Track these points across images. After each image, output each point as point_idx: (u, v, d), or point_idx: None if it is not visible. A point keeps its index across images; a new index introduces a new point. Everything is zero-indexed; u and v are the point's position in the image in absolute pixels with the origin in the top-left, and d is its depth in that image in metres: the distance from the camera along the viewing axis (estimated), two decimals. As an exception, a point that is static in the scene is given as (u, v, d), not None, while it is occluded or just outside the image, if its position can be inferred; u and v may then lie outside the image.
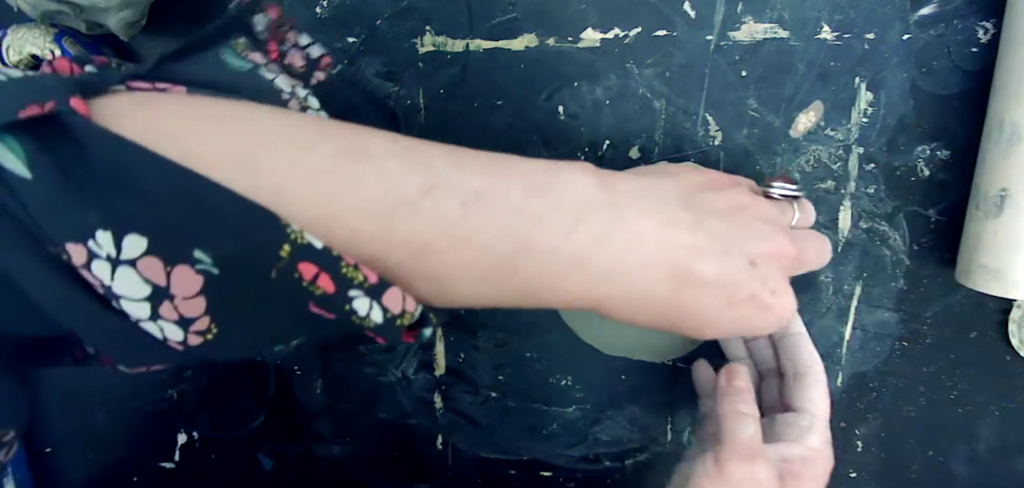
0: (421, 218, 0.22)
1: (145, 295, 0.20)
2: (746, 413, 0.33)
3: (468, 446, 0.47)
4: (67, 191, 0.19)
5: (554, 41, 0.38)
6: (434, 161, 0.23)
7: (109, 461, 0.50)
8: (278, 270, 0.20)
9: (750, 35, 0.37)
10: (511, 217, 0.23)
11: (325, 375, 0.46)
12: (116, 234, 0.19)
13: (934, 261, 0.39)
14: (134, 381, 0.48)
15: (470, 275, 0.23)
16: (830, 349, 0.41)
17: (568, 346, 0.43)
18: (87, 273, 0.19)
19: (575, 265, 0.24)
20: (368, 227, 0.21)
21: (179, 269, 0.19)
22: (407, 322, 0.23)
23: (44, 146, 0.19)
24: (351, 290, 0.21)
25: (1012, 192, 0.33)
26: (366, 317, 0.22)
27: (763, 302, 0.27)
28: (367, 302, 0.22)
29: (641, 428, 0.45)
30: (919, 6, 0.35)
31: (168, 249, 0.19)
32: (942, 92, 0.36)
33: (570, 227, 0.24)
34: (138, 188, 0.19)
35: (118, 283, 0.19)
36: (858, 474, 0.44)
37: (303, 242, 0.20)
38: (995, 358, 0.40)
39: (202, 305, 0.20)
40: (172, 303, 0.20)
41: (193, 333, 0.21)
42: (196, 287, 0.20)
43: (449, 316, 0.43)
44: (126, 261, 0.19)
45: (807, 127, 0.38)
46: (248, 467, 0.49)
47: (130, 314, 0.20)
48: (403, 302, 0.22)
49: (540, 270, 0.24)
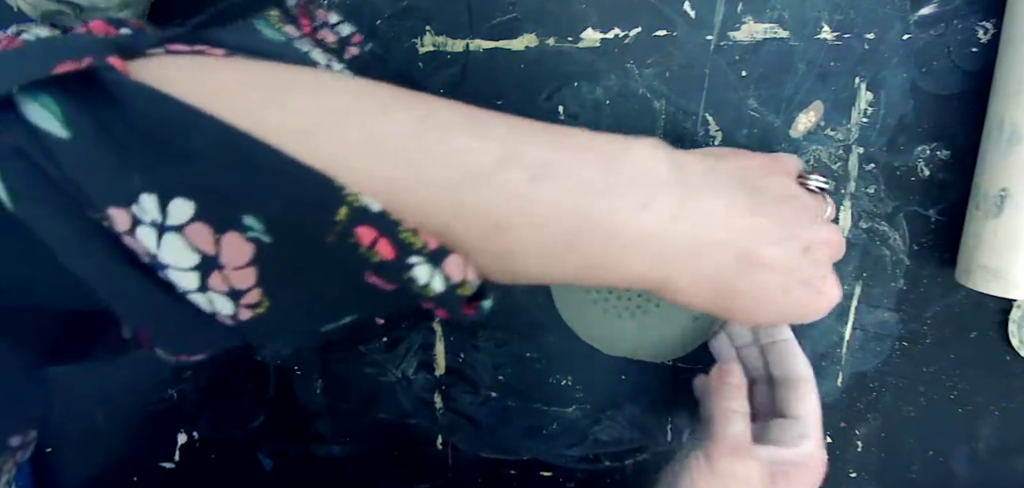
0: (492, 191, 0.21)
1: (193, 264, 0.19)
2: (736, 410, 0.34)
3: (468, 446, 0.47)
4: (108, 152, 0.18)
5: (554, 41, 0.38)
6: (502, 132, 0.22)
7: (109, 461, 0.50)
8: (334, 235, 0.19)
9: (750, 35, 0.37)
10: (579, 193, 0.22)
11: (325, 375, 0.46)
12: (162, 198, 0.18)
13: (934, 261, 0.39)
14: (134, 381, 0.48)
15: (535, 251, 0.22)
16: (830, 349, 0.41)
17: (568, 346, 0.43)
18: (131, 240, 0.18)
19: (642, 244, 0.23)
20: (440, 201, 0.20)
21: (229, 236, 0.18)
22: (467, 292, 0.22)
23: (82, 105, 0.18)
24: (411, 256, 0.20)
25: (1012, 192, 0.33)
26: (426, 286, 0.20)
27: (815, 288, 0.27)
28: (427, 269, 0.20)
29: (641, 428, 0.45)
30: (919, 6, 0.35)
31: (217, 214, 0.18)
32: (942, 92, 0.36)
33: (640, 205, 0.23)
34: (184, 149, 0.18)
35: (165, 251, 0.18)
36: (858, 474, 0.44)
37: (360, 205, 0.19)
38: (995, 358, 0.40)
39: (253, 276, 0.19)
40: (222, 273, 0.19)
41: (244, 306, 0.20)
42: (247, 256, 0.19)
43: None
44: (173, 227, 0.18)
45: (807, 127, 0.38)
46: (248, 467, 0.49)
47: (178, 285, 0.19)
48: (464, 269, 0.21)
49: (605, 248, 0.23)
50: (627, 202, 0.23)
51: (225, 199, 0.18)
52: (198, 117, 0.18)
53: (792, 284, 0.26)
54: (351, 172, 0.19)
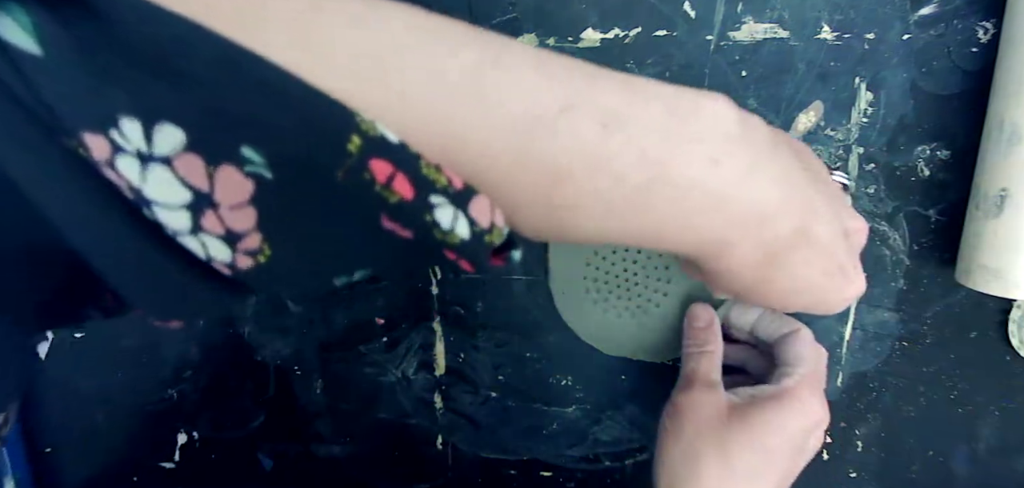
0: (559, 138, 0.19)
1: (184, 202, 0.16)
2: (694, 351, 0.35)
3: (468, 446, 0.47)
4: (86, 69, 0.15)
5: (554, 41, 0.38)
6: (570, 76, 0.20)
7: (109, 461, 0.50)
8: (345, 170, 0.17)
9: (750, 35, 0.37)
10: (651, 143, 0.20)
11: (325, 375, 0.46)
12: (146, 123, 0.15)
13: (934, 261, 0.39)
14: (134, 381, 0.48)
15: (600, 206, 0.21)
16: (830, 349, 0.41)
17: (568, 346, 0.43)
18: (112, 173, 0.16)
19: (714, 202, 0.22)
20: (503, 147, 0.19)
21: (224, 170, 0.16)
22: (496, 240, 0.20)
23: (57, 16, 0.15)
24: (433, 195, 0.18)
25: (1012, 192, 0.33)
26: (450, 231, 0.18)
27: (848, 275, 0.27)
28: (451, 212, 0.18)
29: (641, 428, 0.45)
30: (919, 6, 0.35)
31: (211, 145, 0.16)
32: (942, 92, 0.36)
33: (713, 159, 0.21)
34: (175, 68, 0.15)
35: (150, 185, 0.16)
36: (858, 474, 0.44)
37: (376, 134, 0.16)
38: (995, 358, 0.40)
39: (252, 217, 0.17)
40: (216, 213, 0.17)
41: (242, 253, 0.18)
42: (245, 194, 0.17)
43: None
44: (160, 158, 0.16)
45: (807, 127, 0.38)
46: (248, 467, 0.49)
47: (167, 225, 0.17)
48: (491, 214, 0.19)
49: (675, 205, 0.21)
50: (699, 156, 0.21)
51: (220, 127, 0.16)
52: (191, 29, 0.15)
53: (833, 267, 0.26)
54: (411, 112, 0.17)
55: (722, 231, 0.23)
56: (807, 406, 0.32)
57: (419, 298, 0.43)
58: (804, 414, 0.32)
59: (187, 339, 0.46)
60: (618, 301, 0.40)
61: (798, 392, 0.33)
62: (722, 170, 0.22)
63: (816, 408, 0.33)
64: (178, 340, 0.46)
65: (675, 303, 0.39)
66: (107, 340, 0.47)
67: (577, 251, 0.40)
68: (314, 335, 0.45)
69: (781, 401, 0.32)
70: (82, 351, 0.47)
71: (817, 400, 0.33)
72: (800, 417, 0.32)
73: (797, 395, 0.33)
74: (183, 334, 0.46)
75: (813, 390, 0.33)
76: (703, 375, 0.34)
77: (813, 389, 0.33)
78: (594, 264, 0.40)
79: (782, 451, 0.32)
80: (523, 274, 0.42)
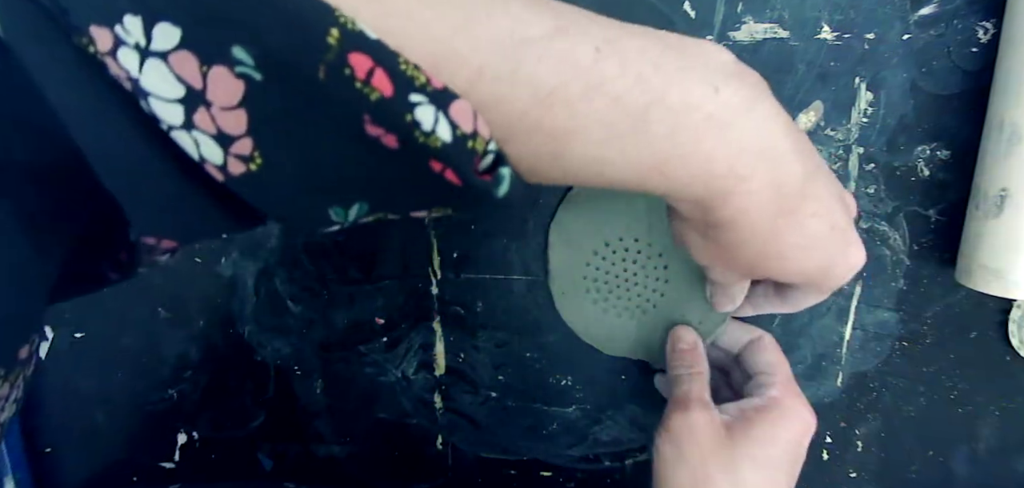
0: (552, 59, 0.20)
1: (178, 96, 0.17)
2: (683, 373, 0.35)
3: (468, 446, 0.47)
4: None
5: (554, 41, 0.38)
6: (561, 9, 0.21)
7: (109, 461, 0.50)
8: (326, 67, 0.17)
9: (750, 35, 0.37)
10: (649, 67, 0.21)
11: (325, 375, 0.46)
12: (146, 19, 0.17)
13: (934, 261, 0.39)
14: (134, 381, 0.48)
15: (598, 131, 0.21)
16: (830, 349, 0.41)
17: (568, 346, 0.43)
18: (113, 63, 0.17)
19: (718, 127, 0.21)
20: (494, 64, 0.19)
21: (217, 70, 0.17)
22: (479, 148, 0.19)
23: None
24: (412, 93, 0.18)
25: (1012, 192, 0.33)
26: (432, 133, 0.18)
27: (849, 238, 0.27)
28: (432, 112, 0.18)
29: (641, 428, 0.45)
30: (919, 6, 0.35)
31: (204, 43, 0.17)
32: (942, 92, 0.36)
33: (714, 86, 0.21)
34: None
35: (147, 77, 0.17)
36: (858, 474, 0.44)
37: (354, 28, 0.17)
38: (995, 358, 0.40)
39: (243, 120, 0.18)
40: (209, 111, 0.18)
41: (234, 156, 0.18)
42: (236, 96, 0.17)
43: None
44: (156, 53, 0.17)
45: (807, 127, 0.38)
46: (248, 467, 0.49)
47: (161, 118, 0.18)
48: (474, 121, 0.19)
49: (676, 127, 0.21)
50: (698, 81, 0.21)
51: (213, 26, 0.17)
52: None
53: (841, 223, 0.26)
54: (403, 29, 0.18)
55: (730, 160, 0.22)
56: (798, 412, 0.33)
57: (419, 298, 0.43)
58: (798, 421, 0.33)
59: (187, 339, 0.46)
60: (618, 301, 0.40)
61: (785, 400, 0.33)
62: (722, 97, 0.21)
63: (805, 413, 0.33)
64: (178, 340, 0.46)
65: (675, 303, 0.39)
66: (107, 340, 0.47)
67: (577, 251, 0.40)
68: (314, 335, 0.45)
69: (773, 412, 0.33)
70: (82, 351, 0.47)
71: (802, 404, 0.34)
72: (795, 424, 0.33)
73: (786, 403, 0.33)
74: (183, 334, 0.46)
75: (796, 395, 0.34)
76: (697, 396, 0.34)
77: (796, 394, 0.34)
78: (594, 264, 0.40)
79: (785, 461, 0.32)
80: (523, 274, 0.42)
